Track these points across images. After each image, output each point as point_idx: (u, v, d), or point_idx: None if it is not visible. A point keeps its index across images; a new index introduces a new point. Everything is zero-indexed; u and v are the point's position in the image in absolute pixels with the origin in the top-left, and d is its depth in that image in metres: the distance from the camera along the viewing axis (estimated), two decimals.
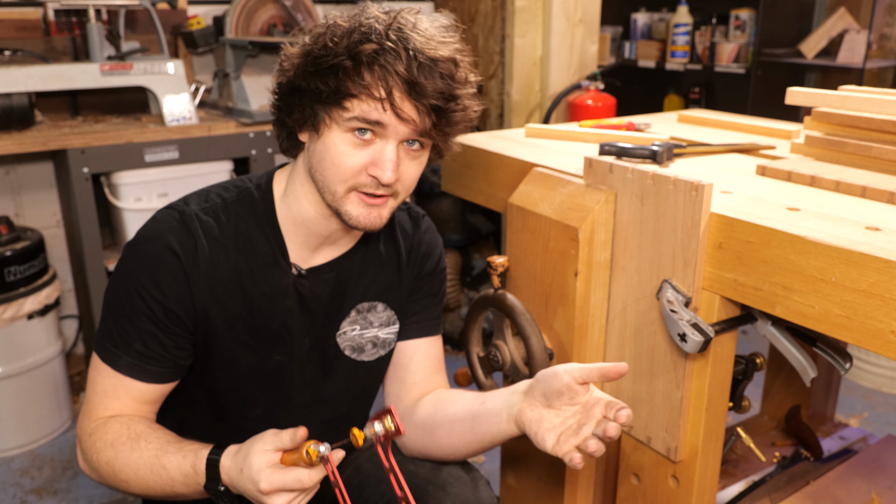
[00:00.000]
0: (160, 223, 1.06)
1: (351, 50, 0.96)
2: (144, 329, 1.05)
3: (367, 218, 1.03)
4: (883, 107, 1.20)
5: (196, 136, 2.40)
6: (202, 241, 1.05)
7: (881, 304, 0.82)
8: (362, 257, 1.17)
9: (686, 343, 0.98)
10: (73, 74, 2.29)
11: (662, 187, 1.04)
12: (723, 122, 1.64)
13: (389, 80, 0.95)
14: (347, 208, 1.02)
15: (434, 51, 0.97)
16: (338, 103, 0.97)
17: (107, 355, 1.06)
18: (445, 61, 0.98)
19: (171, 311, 1.05)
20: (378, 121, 0.97)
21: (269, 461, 0.93)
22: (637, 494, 1.23)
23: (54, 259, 2.68)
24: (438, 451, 1.16)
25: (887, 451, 1.62)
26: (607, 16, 3.45)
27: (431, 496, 1.13)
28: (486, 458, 2.31)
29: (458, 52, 1.02)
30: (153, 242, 1.05)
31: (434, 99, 0.97)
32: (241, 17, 2.58)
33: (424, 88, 0.96)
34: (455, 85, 0.99)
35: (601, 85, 2.87)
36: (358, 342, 1.20)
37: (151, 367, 1.06)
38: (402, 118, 0.97)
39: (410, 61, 0.95)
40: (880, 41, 3.34)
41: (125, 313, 1.05)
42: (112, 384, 1.07)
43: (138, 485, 1.03)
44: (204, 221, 1.07)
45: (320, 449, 0.92)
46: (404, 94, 0.96)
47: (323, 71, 0.97)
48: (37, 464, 2.32)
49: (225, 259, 1.07)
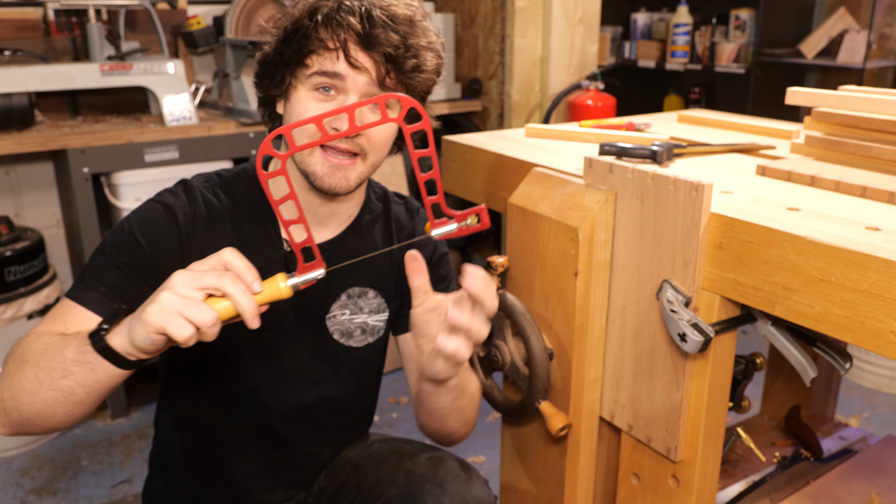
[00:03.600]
0: (165, 192, 1.12)
1: (311, 11, 1.03)
2: (123, 271, 1.03)
3: (331, 178, 1.05)
4: (883, 107, 1.20)
5: (196, 136, 2.40)
6: (201, 208, 1.10)
7: (881, 304, 0.82)
8: (355, 242, 1.19)
9: (686, 343, 0.98)
10: (73, 74, 2.29)
11: (662, 187, 1.04)
12: (723, 122, 1.64)
13: (342, 32, 1.01)
14: (314, 168, 1.05)
15: (389, 8, 1.03)
16: (300, 62, 1.04)
17: (74, 292, 1.02)
18: (402, 20, 1.03)
19: (155, 259, 1.04)
20: (334, 72, 1.02)
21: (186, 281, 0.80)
22: (637, 494, 1.23)
23: (54, 259, 2.68)
24: (431, 418, 1.16)
25: (887, 451, 1.62)
26: (607, 16, 3.45)
27: (429, 494, 1.14)
28: (486, 458, 2.31)
29: (417, 14, 1.06)
30: (155, 203, 1.10)
31: (387, 47, 1.01)
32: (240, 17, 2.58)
33: (377, 38, 1.01)
34: (409, 38, 1.03)
35: (601, 85, 2.88)
36: (347, 327, 1.21)
37: (118, 304, 1.00)
38: (357, 67, 1.01)
39: (363, 16, 1.01)
40: (880, 41, 3.34)
41: (108, 258, 1.04)
42: (65, 311, 1.01)
43: (33, 369, 0.89)
44: (204, 194, 1.12)
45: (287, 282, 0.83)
46: (357, 45, 1.01)
47: (288, 36, 1.04)
48: (37, 464, 2.32)
49: (220, 230, 1.11)
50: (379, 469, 1.23)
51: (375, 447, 1.30)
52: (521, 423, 1.38)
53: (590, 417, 1.24)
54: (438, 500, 1.13)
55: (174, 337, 0.78)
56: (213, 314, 0.79)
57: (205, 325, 0.78)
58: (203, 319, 0.78)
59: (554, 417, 1.21)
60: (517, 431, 1.40)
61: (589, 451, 1.27)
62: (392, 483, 1.19)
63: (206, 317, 0.78)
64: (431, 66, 1.08)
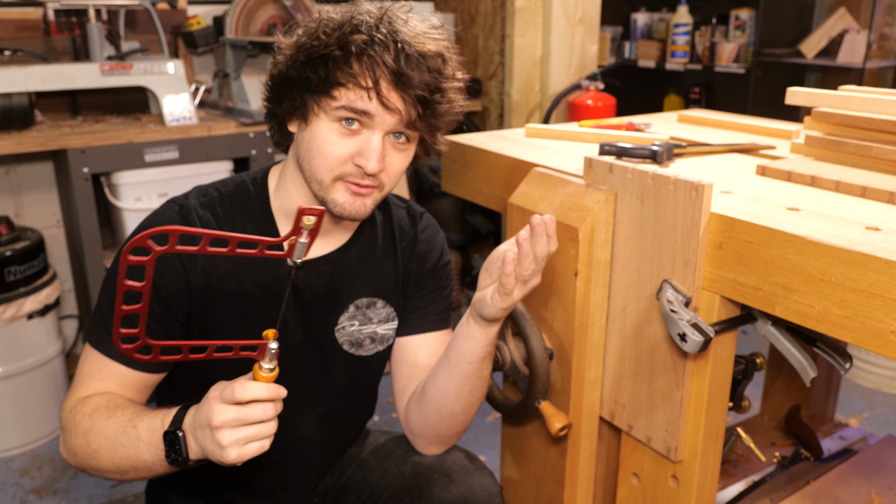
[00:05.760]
0: (161, 215, 1.10)
1: (341, 41, 0.99)
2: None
3: (352, 206, 1.05)
4: (883, 107, 1.20)
5: (196, 136, 2.40)
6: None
7: (881, 304, 0.82)
8: (359, 252, 1.18)
9: (686, 343, 0.98)
10: (73, 74, 2.29)
11: (662, 187, 1.04)
12: (723, 122, 1.64)
13: (377, 70, 0.98)
14: (334, 196, 1.04)
15: (422, 45, 1.00)
16: (326, 92, 1.00)
17: (97, 341, 1.07)
18: (433, 56, 1.01)
19: (163, 299, 1.06)
20: (364, 110, 0.99)
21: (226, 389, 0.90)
22: (637, 494, 1.23)
23: (54, 259, 2.68)
24: (432, 408, 1.16)
25: (887, 451, 1.62)
26: (607, 16, 3.45)
27: (436, 483, 1.14)
28: (486, 459, 2.31)
29: (446, 49, 1.04)
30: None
31: (420, 90, 0.99)
32: (241, 17, 2.58)
33: (411, 79, 0.98)
34: (441, 78, 1.02)
35: (601, 85, 2.87)
36: (357, 337, 1.20)
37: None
38: (388, 108, 0.99)
39: (398, 53, 0.98)
40: (880, 41, 3.34)
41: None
42: (99, 368, 1.07)
43: (107, 453, 1.00)
44: (201, 215, 1.10)
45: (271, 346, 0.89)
46: (391, 85, 0.98)
47: (314, 61, 1.00)
48: (37, 464, 2.32)
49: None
50: (385, 463, 1.23)
51: (380, 442, 1.30)
52: (521, 423, 1.37)
53: (590, 417, 1.24)
54: (446, 490, 1.14)
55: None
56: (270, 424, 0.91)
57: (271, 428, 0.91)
58: (266, 415, 0.90)
59: (554, 417, 1.21)
60: (517, 431, 1.40)
61: (589, 451, 1.27)
62: (399, 476, 1.19)
63: (269, 428, 0.91)
64: (459, 106, 1.06)
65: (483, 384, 1.14)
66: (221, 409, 0.87)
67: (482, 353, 1.09)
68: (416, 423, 1.20)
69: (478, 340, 1.07)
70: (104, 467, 1.01)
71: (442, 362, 1.14)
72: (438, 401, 1.15)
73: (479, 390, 1.14)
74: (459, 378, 1.11)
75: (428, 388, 1.16)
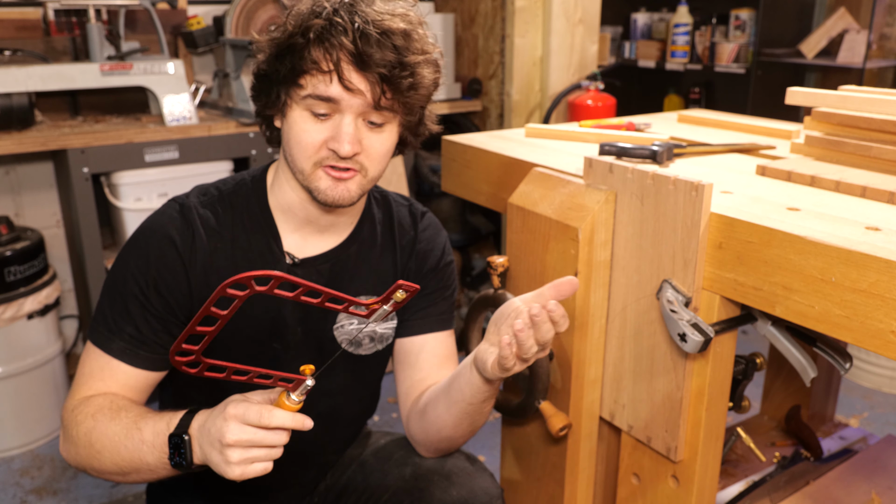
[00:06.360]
0: (162, 215, 1.11)
1: (303, 28, 1.00)
2: (138, 314, 1.06)
3: (334, 191, 1.05)
4: (883, 107, 1.20)
5: (196, 136, 2.40)
6: (200, 232, 1.09)
7: (881, 304, 0.82)
8: (358, 250, 1.18)
9: (686, 343, 0.98)
10: (73, 74, 2.29)
11: (662, 187, 1.04)
12: (723, 122, 1.64)
13: (335, 53, 0.98)
14: (316, 184, 1.05)
15: (383, 23, 0.99)
16: (294, 82, 1.01)
17: (99, 339, 1.08)
18: (397, 33, 1.00)
19: (164, 297, 1.06)
20: (328, 96, 1.00)
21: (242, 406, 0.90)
22: (637, 494, 1.23)
23: (54, 259, 2.68)
24: (433, 429, 1.16)
25: (887, 451, 1.62)
26: (607, 16, 3.45)
27: (437, 486, 1.14)
28: (486, 459, 2.31)
29: (410, 24, 1.03)
30: (153, 232, 1.09)
31: (382, 68, 0.98)
32: (241, 17, 2.58)
33: (371, 58, 0.98)
34: (408, 54, 1.01)
35: (601, 85, 2.87)
36: (356, 336, 1.20)
37: (142, 352, 1.08)
38: (351, 90, 0.99)
39: (356, 34, 0.97)
40: (880, 41, 3.34)
41: (121, 299, 1.07)
42: (100, 366, 1.08)
43: (110, 454, 1.00)
44: (202, 214, 1.10)
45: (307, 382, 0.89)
46: (351, 66, 0.99)
47: (282, 53, 1.02)
48: (37, 464, 2.32)
49: (221, 248, 1.10)
50: (385, 465, 1.23)
51: (381, 443, 1.30)
52: (521, 423, 1.37)
53: (590, 417, 1.24)
54: (446, 492, 1.13)
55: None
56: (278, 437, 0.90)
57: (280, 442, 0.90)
58: (279, 441, 0.90)
59: (554, 417, 1.21)
60: (517, 431, 1.40)
61: (589, 451, 1.27)
62: (399, 477, 1.19)
63: (279, 439, 0.90)
64: (429, 80, 1.05)
65: (484, 417, 1.14)
66: (238, 428, 0.87)
67: (483, 397, 1.08)
68: (417, 434, 1.20)
69: (479, 388, 1.06)
70: (105, 468, 1.02)
71: (443, 393, 1.13)
72: (437, 426, 1.15)
73: (480, 421, 1.14)
74: (459, 414, 1.11)
75: (429, 410, 1.16)
